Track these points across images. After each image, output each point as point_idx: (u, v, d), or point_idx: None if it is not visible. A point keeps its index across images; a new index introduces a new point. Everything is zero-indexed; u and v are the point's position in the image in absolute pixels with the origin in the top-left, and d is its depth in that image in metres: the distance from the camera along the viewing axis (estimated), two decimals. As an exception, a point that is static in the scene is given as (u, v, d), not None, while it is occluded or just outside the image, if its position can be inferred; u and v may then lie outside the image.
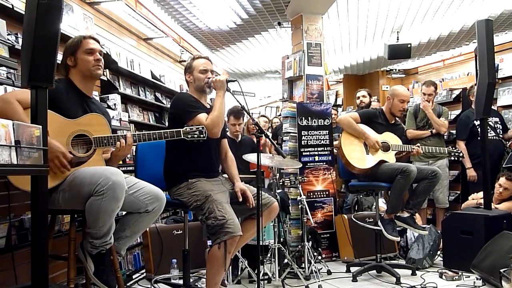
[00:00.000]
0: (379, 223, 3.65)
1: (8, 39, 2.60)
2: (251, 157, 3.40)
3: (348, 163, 3.73)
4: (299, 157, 4.48)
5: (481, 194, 4.18)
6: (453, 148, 4.05)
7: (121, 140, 2.34)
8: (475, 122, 4.71)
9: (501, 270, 2.98)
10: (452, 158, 4.07)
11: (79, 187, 2.13)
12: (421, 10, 5.45)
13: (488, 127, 4.53)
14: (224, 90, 2.73)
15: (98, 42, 2.51)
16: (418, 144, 3.95)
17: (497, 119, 4.95)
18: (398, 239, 3.77)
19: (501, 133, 4.89)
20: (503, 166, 4.54)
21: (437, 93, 5.43)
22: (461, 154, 3.98)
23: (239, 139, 4.45)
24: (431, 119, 4.88)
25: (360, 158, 3.73)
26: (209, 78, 2.81)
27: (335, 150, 4.62)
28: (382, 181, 3.68)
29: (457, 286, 3.38)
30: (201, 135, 2.47)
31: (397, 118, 3.97)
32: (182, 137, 2.46)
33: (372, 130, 3.80)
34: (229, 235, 2.48)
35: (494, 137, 4.76)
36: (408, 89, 7.89)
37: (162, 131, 2.46)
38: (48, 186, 1.92)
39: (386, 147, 3.75)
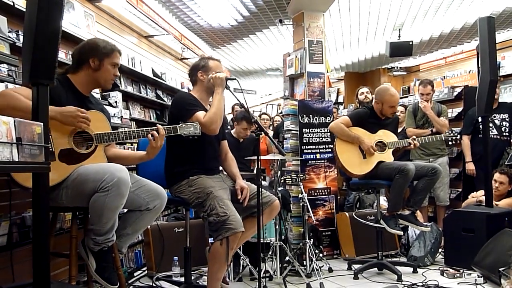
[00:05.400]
0: (381, 221, 3.65)
1: (9, 36, 2.61)
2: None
3: (347, 170, 3.71)
4: (301, 154, 4.48)
5: (480, 192, 4.17)
6: (449, 133, 3.94)
7: (152, 132, 2.37)
8: (478, 119, 4.63)
9: (500, 269, 2.97)
10: (451, 143, 3.96)
11: (83, 184, 2.13)
12: (422, 7, 5.44)
13: (492, 125, 4.50)
14: (223, 87, 2.72)
15: None
16: (414, 137, 3.85)
17: (505, 116, 4.77)
18: (401, 233, 3.76)
19: (506, 131, 4.75)
20: (506, 163, 4.51)
21: (435, 90, 5.36)
22: (458, 136, 3.88)
23: (242, 139, 4.45)
24: (432, 120, 4.85)
25: (358, 164, 3.69)
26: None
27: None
28: (382, 180, 3.66)
29: (458, 283, 3.37)
30: (196, 131, 2.48)
31: None
32: (179, 132, 2.46)
33: (366, 131, 3.73)
34: (231, 232, 2.48)
35: (496, 136, 4.69)
36: (409, 87, 7.98)
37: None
38: (51, 183, 1.92)
39: (382, 146, 3.72)
